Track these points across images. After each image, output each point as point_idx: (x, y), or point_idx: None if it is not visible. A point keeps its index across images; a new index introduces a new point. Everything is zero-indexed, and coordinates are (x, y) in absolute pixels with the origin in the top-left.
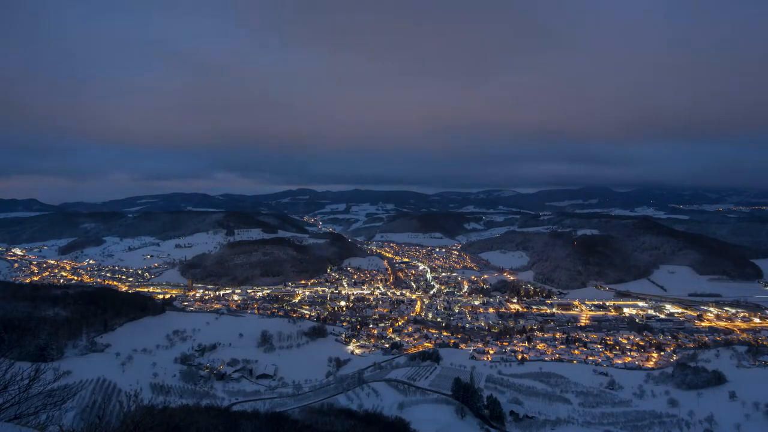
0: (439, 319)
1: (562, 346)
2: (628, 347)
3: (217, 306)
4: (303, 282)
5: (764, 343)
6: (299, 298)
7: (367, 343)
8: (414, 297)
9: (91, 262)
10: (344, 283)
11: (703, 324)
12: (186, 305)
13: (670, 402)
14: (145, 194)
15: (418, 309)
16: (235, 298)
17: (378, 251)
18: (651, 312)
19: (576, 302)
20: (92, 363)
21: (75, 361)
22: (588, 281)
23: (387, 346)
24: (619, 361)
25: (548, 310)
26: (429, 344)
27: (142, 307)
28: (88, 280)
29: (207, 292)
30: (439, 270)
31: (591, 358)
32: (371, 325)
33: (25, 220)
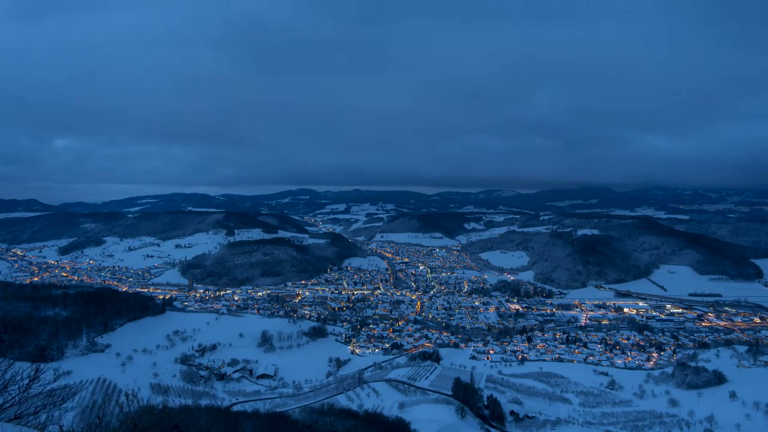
0: (439, 319)
1: (563, 346)
2: (628, 347)
3: (218, 306)
4: (303, 282)
5: (764, 343)
6: (299, 298)
7: (367, 344)
8: (414, 297)
9: (91, 262)
10: (344, 283)
11: (703, 324)
12: (186, 305)
13: (670, 402)
14: (145, 194)
15: (419, 309)
16: (236, 298)
17: (378, 251)
18: (651, 312)
19: (576, 302)
20: (92, 363)
21: (75, 361)
22: (588, 281)
23: (387, 346)
24: (620, 361)
25: (548, 310)
26: (429, 344)
27: (142, 307)
28: (89, 281)
29: (207, 292)
30: (439, 270)
31: (591, 358)
32: (371, 325)
33: (25, 220)
